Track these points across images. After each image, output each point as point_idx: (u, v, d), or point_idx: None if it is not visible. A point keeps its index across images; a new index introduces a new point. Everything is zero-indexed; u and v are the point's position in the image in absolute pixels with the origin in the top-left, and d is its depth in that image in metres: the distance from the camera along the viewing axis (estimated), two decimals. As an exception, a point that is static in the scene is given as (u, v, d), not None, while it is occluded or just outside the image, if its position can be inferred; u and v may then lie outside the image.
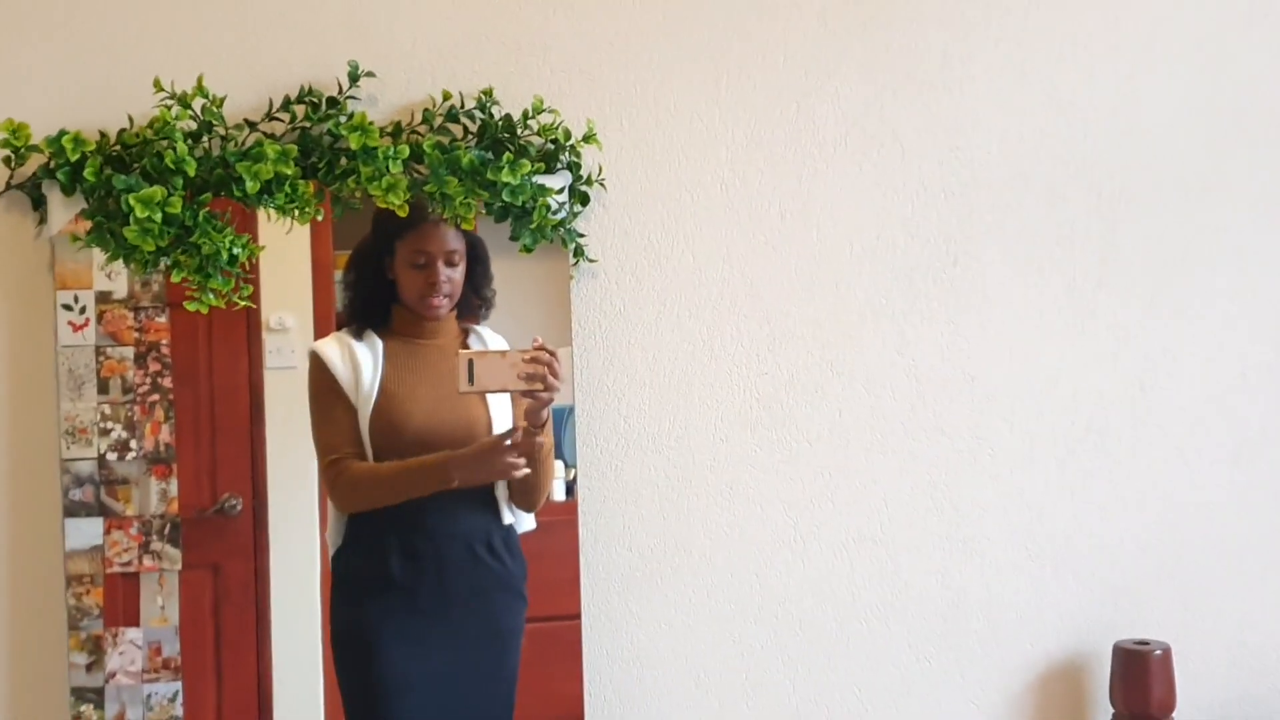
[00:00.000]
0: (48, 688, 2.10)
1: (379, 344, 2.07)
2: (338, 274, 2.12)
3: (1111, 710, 2.25)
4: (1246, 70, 2.37)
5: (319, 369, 2.06)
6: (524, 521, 2.12)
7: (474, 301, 2.12)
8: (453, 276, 2.08)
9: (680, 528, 2.25)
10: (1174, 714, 2.22)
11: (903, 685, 2.30)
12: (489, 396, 2.05)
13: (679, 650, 2.25)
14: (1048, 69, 2.32)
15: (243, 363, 2.11)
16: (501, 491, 2.07)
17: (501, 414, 2.07)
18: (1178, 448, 2.35)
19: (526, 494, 2.08)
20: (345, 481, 2.02)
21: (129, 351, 2.08)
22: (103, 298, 2.07)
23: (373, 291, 2.09)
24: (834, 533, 2.28)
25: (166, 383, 2.08)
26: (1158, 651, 2.21)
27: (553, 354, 1.92)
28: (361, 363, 2.05)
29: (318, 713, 2.10)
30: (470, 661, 2.05)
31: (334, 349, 2.06)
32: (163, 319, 2.08)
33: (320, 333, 2.11)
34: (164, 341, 2.08)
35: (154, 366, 2.08)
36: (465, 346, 2.09)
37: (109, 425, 2.07)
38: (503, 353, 1.95)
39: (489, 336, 2.12)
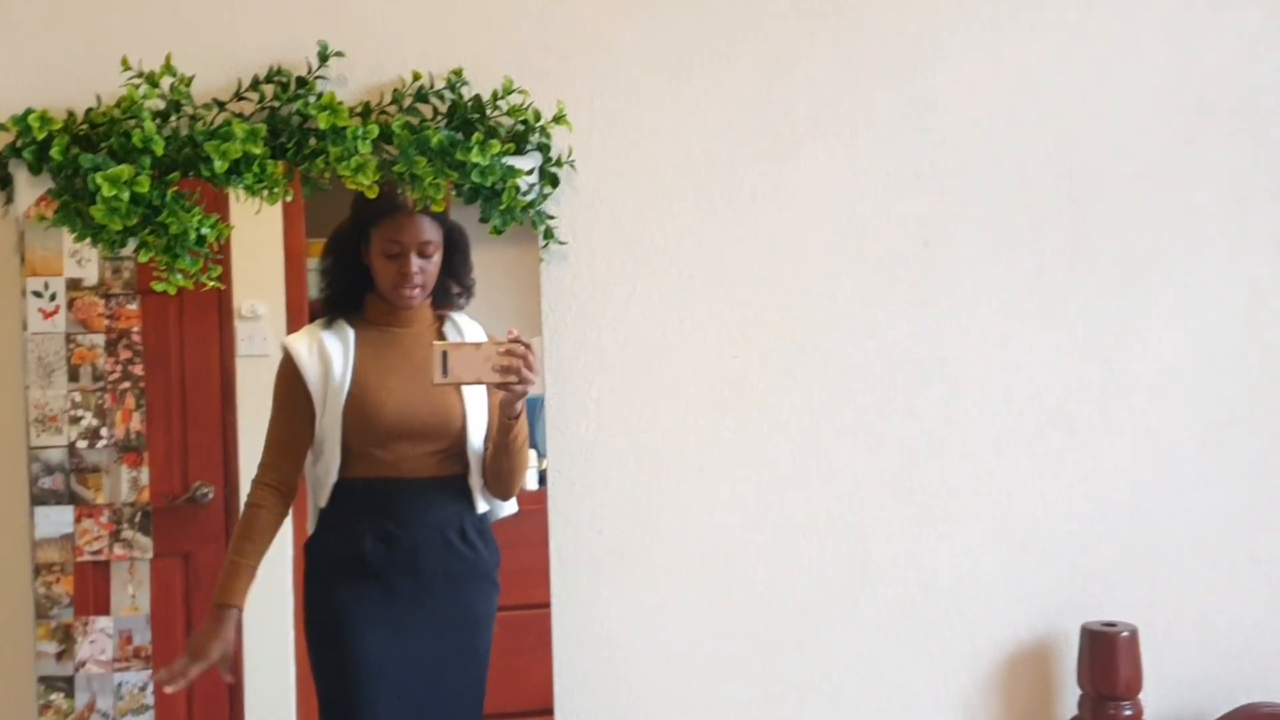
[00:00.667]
0: (13, 677, 2.08)
1: (350, 333, 2.06)
2: (311, 261, 2.11)
3: (1079, 691, 2.27)
4: (1218, 55, 2.37)
5: (285, 365, 2.05)
6: (503, 507, 2.11)
7: (453, 289, 2.11)
8: (426, 267, 2.07)
9: (651, 512, 2.25)
10: (1140, 695, 2.23)
11: (872, 666, 2.30)
12: (465, 388, 2.04)
13: (649, 634, 2.25)
14: (1020, 51, 2.32)
15: (214, 350, 2.10)
16: (475, 480, 2.07)
17: (476, 405, 2.07)
18: (1146, 431, 2.36)
19: (501, 482, 2.08)
20: (246, 511, 2.05)
21: (99, 339, 2.06)
22: (73, 284, 2.05)
23: (350, 278, 2.08)
24: (804, 515, 2.28)
25: (138, 370, 2.07)
26: (1125, 633, 2.22)
27: (528, 346, 1.92)
28: (331, 354, 2.04)
29: (289, 699, 2.09)
30: (442, 647, 2.05)
31: (303, 343, 2.05)
32: (134, 306, 2.07)
33: (293, 321, 2.10)
34: (135, 329, 2.07)
35: (125, 354, 2.06)
36: (440, 336, 2.08)
37: (79, 413, 2.05)
38: (477, 345, 1.95)
39: (465, 324, 2.11)
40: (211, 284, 2.04)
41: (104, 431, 2.06)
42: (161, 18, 2.11)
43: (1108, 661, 2.22)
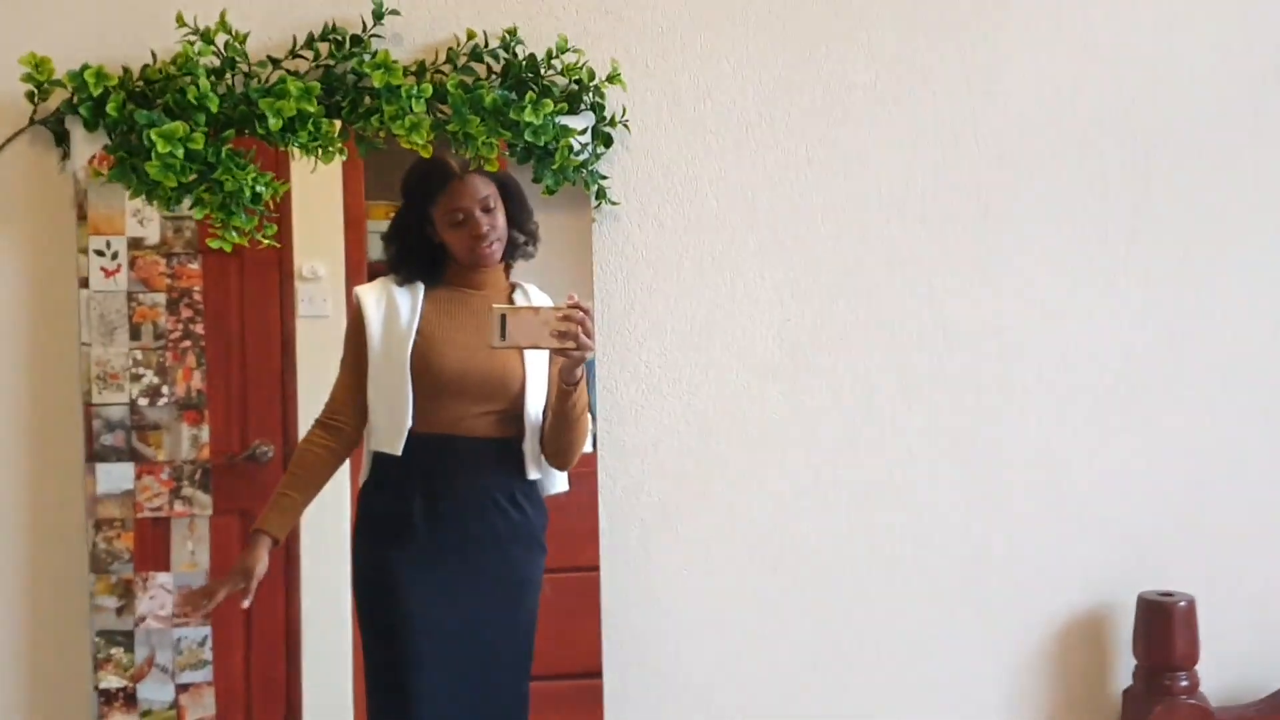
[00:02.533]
0: (71, 631, 2.11)
1: (420, 288, 2.06)
2: (370, 224, 2.11)
3: (1134, 661, 2.24)
4: (1286, 17, 2.32)
5: (353, 313, 2.06)
6: (555, 482, 2.10)
7: (519, 239, 2.10)
8: (494, 221, 2.06)
9: (701, 476, 2.24)
10: (1197, 666, 2.21)
11: (924, 635, 2.29)
12: (527, 352, 2.04)
13: (698, 599, 2.24)
14: (1084, 14, 2.27)
15: (274, 311, 2.11)
16: (529, 445, 2.06)
17: (537, 371, 2.05)
18: (1206, 401, 2.33)
19: (561, 452, 2.06)
20: (300, 446, 2.06)
21: (161, 298, 2.08)
22: (135, 244, 2.07)
23: (423, 256, 2.07)
24: (856, 482, 2.26)
25: (198, 329, 2.08)
26: (1182, 603, 2.20)
27: (586, 312, 1.90)
28: (400, 305, 2.04)
29: (345, 655, 2.10)
30: (488, 609, 2.05)
31: (372, 294, 2.06)
32: (195, 265, 2.08)
33: (352, 282, 2.10)
34: (196, 288, 2.08)
35: (186, 313, 2.08)
36: (511, 302, 2.08)
37: (140, 371, 2.07)
38: (536, 309, 1.93)
39: (535, 295, 2.10)
40: (267, 242, 2.05)
41: (165, 389, 2.08)
42: (216, -26, 2.11)
43: (1164, 632, 2.20)
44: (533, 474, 2.07)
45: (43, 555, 2.11)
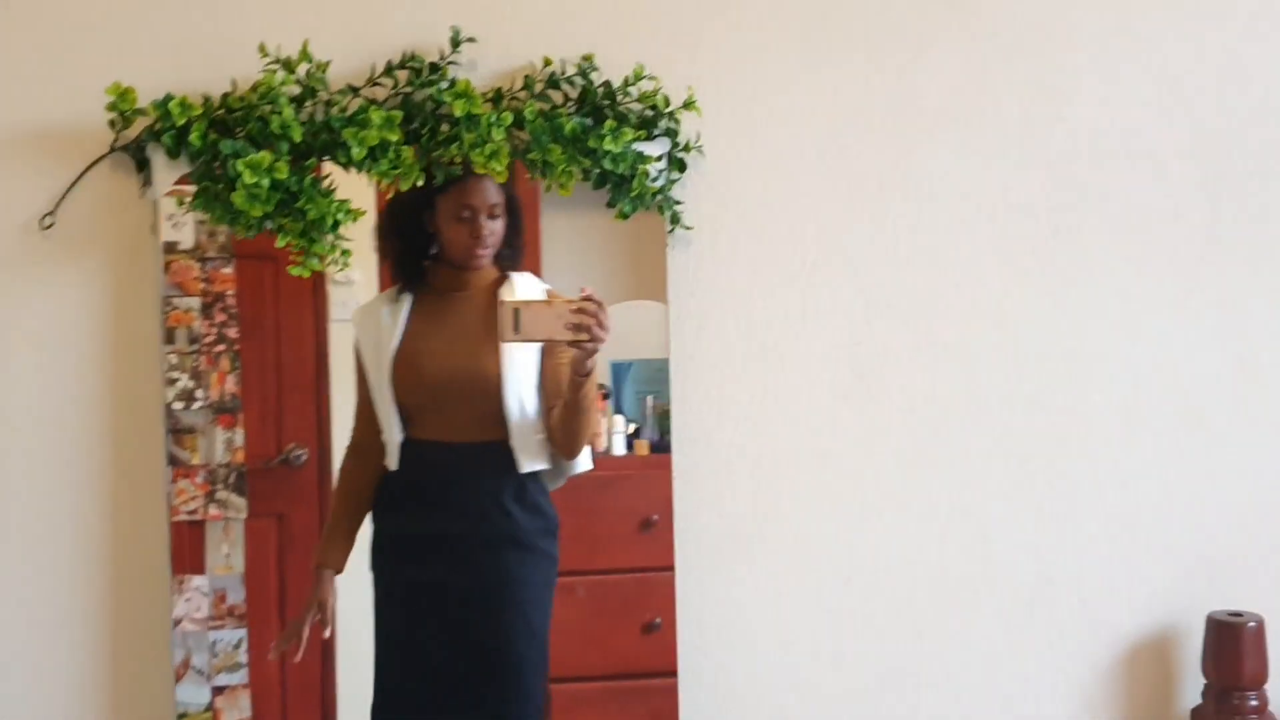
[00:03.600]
0: (152, 636, 2.15)
1: (409, 299, 2.10)
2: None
3: (1204, 681, 2.26)
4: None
5: (354, 334, 2.12)
6: (576, 464, 2.12)
7: (504, 252, 2.12)
8: (495, 229, 2.09)
9: (771, 495, 2.25)
10: (1266, 685, 2.23)
11: (992, 655, 2.30)
12: (504, 349, 2.05)
13: (769, 619, 2.26)
14: (1154, 38, 2.28)
15: (308, 316, 2.13)
16: (518, 443, 2.07)
17: (516, 365, 2.07)
18: (1274, 424, 2.34)
19: (569, 441, 2.08)
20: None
21: (195, 302, 2.09)
22: (169, 248, 2.09)
23: (412, 245, 2.11)
24: (926, 504, 2.28)
25: (232, 334, 2.10)
26: (1251, 624, 2.21)
27: (600, 304, 1.92)
28: (385, 321, 2.09)
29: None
30: (475, 615, 2.07)
31: (361, 313, 2.12)
32: (229, 270, 2.10)
33: (384, 287, 2.14)
34: (230, 292, 2.10)
35: (220, 317, 2.10)
36: (499, 293, 2.09)
37: (175, 375, 2.09)
38: (549, 302, 1.93)
39: (523, 281, 2.12)
40: (343, 268, 2.07)
41: (199, 393, 2.10)
42: (297, 3, 2.12)
43: (1233, 651, 2.21)
44: (526, 467, 2.08)
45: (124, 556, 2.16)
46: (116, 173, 2.11)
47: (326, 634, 2.10)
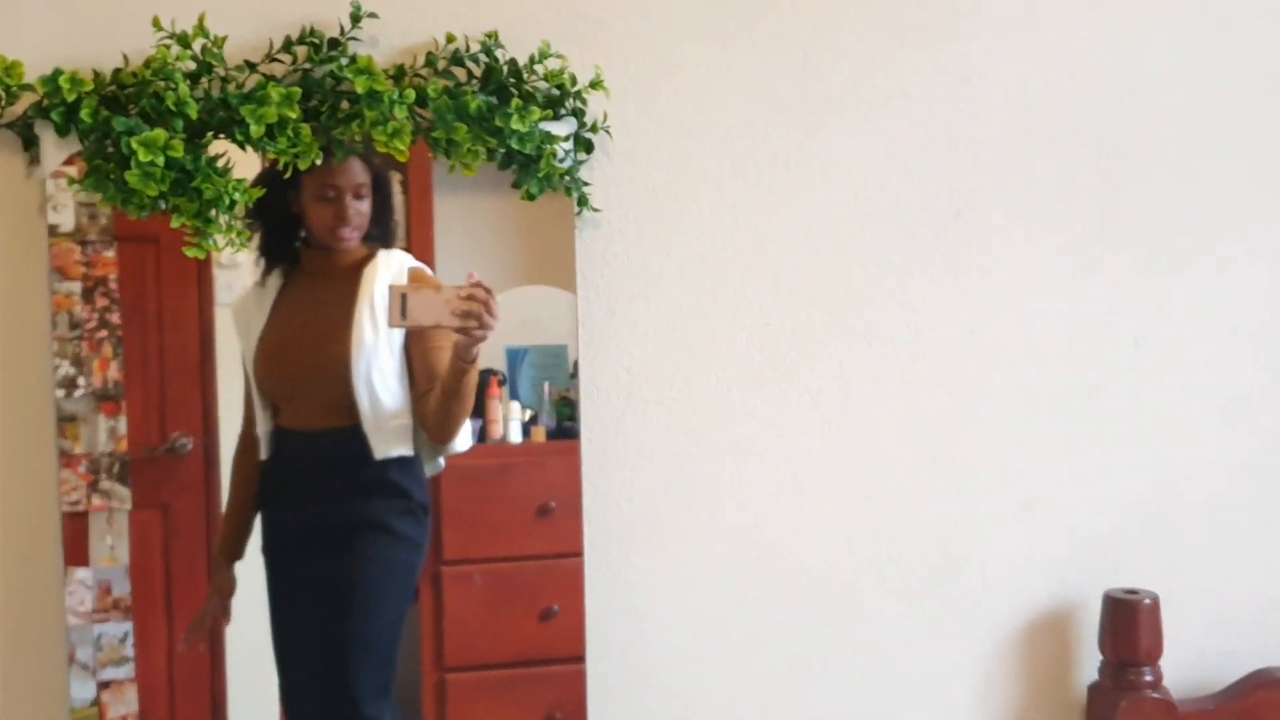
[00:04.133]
0: (44, 631, 2.09)
1: (277, 283, 2.08)
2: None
3: (1100, 657, 2.31)
4: (1250, 28, 2.38)
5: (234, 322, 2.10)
6: (454, 446, 2.10)
7: (374, 233, 2.09)
8: (361, 209, 2.06)
9: (681, 480, 2.25)
10: (1160, 661, 2.28)
11: (897, 635, 2.33)
12: (355, 334, 2.03)
13: (678, 603, 2.26)
14: (1054, 23, 2.31)
15: (193, 300, 2.07)
16: (370, 427, 2.04)
17: (367, 350, 2.04)
18: (1169, 403, 2.39)
19: (445, 426, 2.06)
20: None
21: (76, 286, 2.02)
22: (49, 230, 2.02)
23: (278, 224, 2.07)
24: (833, 486, 2.29)
25: (115, 319, 2.03)
26: (1146, 600, 2.26)
27: (489, 291, 1.90)
28: (252, 311, 2.07)
29: (270, 649, 2.08)
30: (332, 602, 2.06)
31: (236, 305, 2.09)
32: (110, 253, 2.03)
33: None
34: (112, 276, 2.03)
35: (102, 302, 2.03)
36: (367, 269, 2.07)
37: (56, 362, 2.02)
38: (438, 288, 1.91)
39: (390, 260, 2.08)
40: (241, 249, 2.01)
41: (81, 380, 2.03)
42: (192, -25, 2.06)
43: (1129, 628, 2.26)
44: (381, 454, 2.05)
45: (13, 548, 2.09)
46: (2, 152, 2.02)
47: (227, 625, 2.06)
